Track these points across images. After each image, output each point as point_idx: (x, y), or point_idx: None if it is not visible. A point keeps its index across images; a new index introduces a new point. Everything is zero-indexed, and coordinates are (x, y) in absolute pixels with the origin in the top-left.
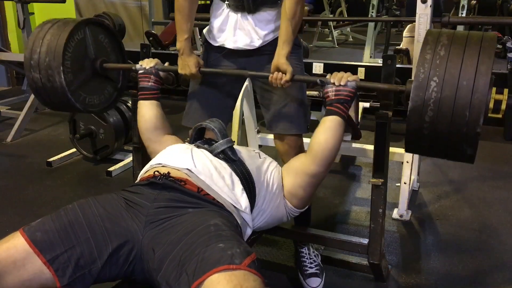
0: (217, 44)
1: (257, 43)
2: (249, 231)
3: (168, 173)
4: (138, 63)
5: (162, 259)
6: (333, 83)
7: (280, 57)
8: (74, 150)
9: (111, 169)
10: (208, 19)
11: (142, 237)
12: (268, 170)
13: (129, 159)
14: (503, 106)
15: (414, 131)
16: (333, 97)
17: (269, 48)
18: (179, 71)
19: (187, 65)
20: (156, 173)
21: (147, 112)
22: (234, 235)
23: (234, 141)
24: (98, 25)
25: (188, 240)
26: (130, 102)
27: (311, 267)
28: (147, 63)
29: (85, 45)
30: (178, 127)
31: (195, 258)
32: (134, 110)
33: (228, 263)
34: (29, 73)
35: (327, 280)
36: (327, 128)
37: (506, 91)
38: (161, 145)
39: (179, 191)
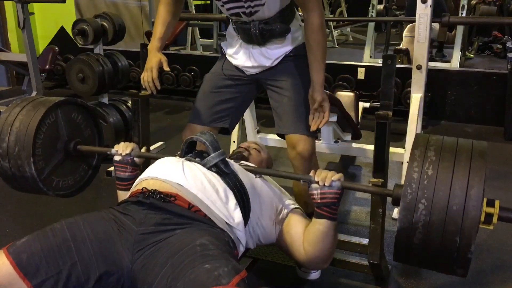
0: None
1: (269, 66)
2: (241, 249)
3: (156, 190)
4: (114, 148)
5: (150, 283)
6: (317, 182)
7: (314, 87)
8: None
9: (111, 169)
10: (207, 19)
11: (131, 265)
12: (263, 187)
13: None
14: (495, 220)
15: (403, 251)
16: (319, 201)
17: (284, 59)
18: (142, 74)
19: (150, 60)
20: (144, 189)
21: None
22: (222, 253)
23: (226, 154)
24: (70, 104)
25: (174, 262)
26: (130, 102)
27: None
28: (122, 149)
29: (57, 128)
30: (178, 127)
31: (181, 281)
32: (134, 110)
33: (215, 285)
34: None
35: (327, 280)
36: (317, 231)
37: (497, 204)
38: None
39: (166, 211)
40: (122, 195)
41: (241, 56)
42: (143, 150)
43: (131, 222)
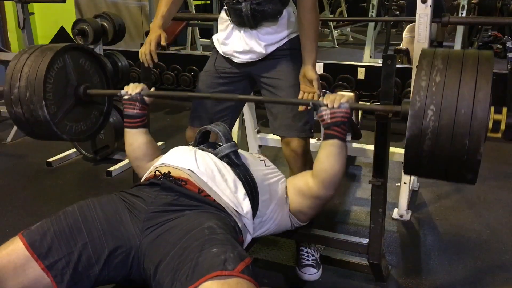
0: (224, 55)
1: (260, 55)
2: (249, 238)
3: (169, 172)
4: (123, 89)
5: (158, 264)
6: (326, 105)
7: (306, 66)
8: (74, 150)
9: (111, 169)
10: (207, 19)
11: (139, 242)
12: (273, 180)
13: None
14: (502, 126)
15: (412, 159)
16: (329, 121)
17: (278, 53)
18: (141, 48)
19: (150, 35)
20: (157, 172)
21: (135, 140)
22: (229, 238)
23: (238, 146)
24: (77, 49)
25: (182, 244)
26: None
27: (307, 260)
28: (132, 89)
29: (66, 73)
30: (178, 127)
31: (188, 264)
32: None
33: (221, 269)
34: (11, 108)
35: (327, 280)
36: (330, 153)
37: (504, 110)
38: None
39: (177, 192)
40: (129, 134)
41: (232, 41)
42: (152, 89)
43: (141, 202)
